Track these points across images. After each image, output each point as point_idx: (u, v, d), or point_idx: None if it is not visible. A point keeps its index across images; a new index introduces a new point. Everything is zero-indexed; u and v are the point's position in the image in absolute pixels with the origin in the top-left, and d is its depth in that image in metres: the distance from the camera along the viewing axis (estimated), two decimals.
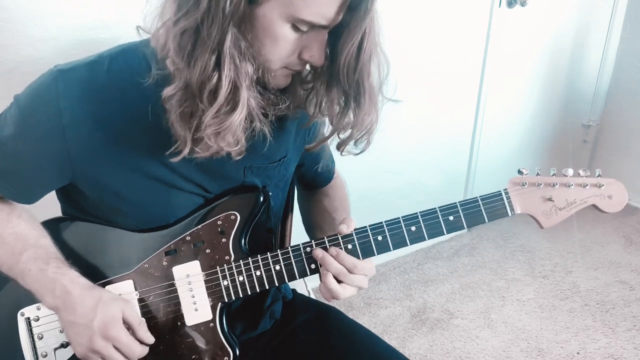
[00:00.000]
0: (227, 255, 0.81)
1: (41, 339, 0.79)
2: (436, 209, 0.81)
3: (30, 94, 0.73)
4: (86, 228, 0.82)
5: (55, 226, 0.82)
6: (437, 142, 2.15)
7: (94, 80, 0.71)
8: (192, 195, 0.81)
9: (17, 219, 0.79)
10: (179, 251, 0.81)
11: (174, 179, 0.78)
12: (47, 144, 0.72)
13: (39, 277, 0.74)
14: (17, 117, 0.73)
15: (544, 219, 0.83)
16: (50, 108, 0.70)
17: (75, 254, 0.80)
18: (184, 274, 0.80)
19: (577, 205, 0.82)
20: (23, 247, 0.76)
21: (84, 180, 0.76)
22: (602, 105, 2.63)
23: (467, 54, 2.06)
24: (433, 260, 2.22)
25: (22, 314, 0.79)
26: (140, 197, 0.78)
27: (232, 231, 0.81)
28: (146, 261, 0.81)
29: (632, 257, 2.19)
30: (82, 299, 0.73)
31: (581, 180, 0.82)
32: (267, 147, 0.80)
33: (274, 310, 0.96)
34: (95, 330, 0.71)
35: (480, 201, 0.82)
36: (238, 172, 0.83)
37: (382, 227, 0.81)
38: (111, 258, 0.81)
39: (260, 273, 0.80)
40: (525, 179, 0.83)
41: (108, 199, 0.78)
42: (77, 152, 0.73)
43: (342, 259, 0.78)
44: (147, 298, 0.80)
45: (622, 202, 0.83)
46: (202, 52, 0.62)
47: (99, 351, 0.72)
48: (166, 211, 0.81)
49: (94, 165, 0.74)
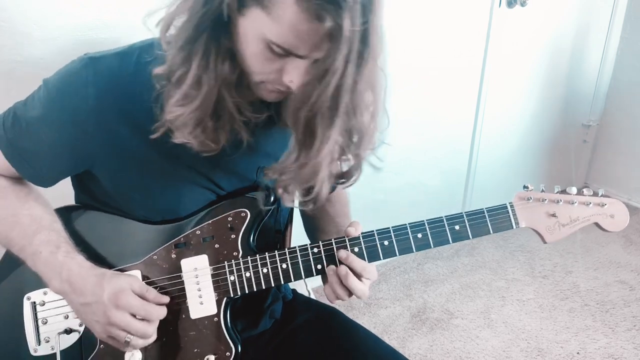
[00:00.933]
0: (235, 251, 0.82)
1: (45, 323, 0.81)
2: (442, 217, 0.83)
3: (59, 78, 0.75)
4: (97, 217, 0.84)
5: (67, 214, 0.84)
6: (437, 142, 2.15)
7: (123, 70, 0.73)
8: (204, 190, 0.82)
9: (34, 202, 0.81)
10: (188, 244, 0.82)
11: (188, 173, 0.80)
12: (71, 128, 0.74)
13: (48, 260, 0.75)
14: (45, 100, 0.74)
15: (547, 234, 0.85)
16: (78, 93, 0.72)
17: (85, 241, 0.82)
18: (192, 267, 0.81)
19: (580, 222, 0.85)
20: (37, 229, 0.77)
21: (101, 168, 0.78)
22: (602, 105, 2.63)
23: (467, 54, 2.06)
24: (433, 260, 2.22)
25: (29, 297, 0.81)
26: (154, 189, 0.80)
27: (241, 228, 0.82)
28: (155, 252, 0.82)
29: (632, 257, 2.19)
30: (87, 278, 0.74)
31: (584, 199, 0.85)
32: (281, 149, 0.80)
33: (274, 309, 0.97)
34: (107, 303, 0.72)
35: (486, 213, 0.84)
36: (251, 172, 0.84)
37: (389, 232, 0.82)
38: (120, 247, 0.82)
39: (267, 270, 0.81)
40: (530, 194, 0.85)
41: (122, 188, 0.80)
42: (98, 139, 0.74)
43: (352, 262, 0.79)
44: (154, 289, 0.81)
45: (624, 222, 0.85)
46: (179, 43, 0.65)
47: (117, 323, 0.73)
48: (177, 204, 0.82)
49: (113, 154, 0.76)
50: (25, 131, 0.76)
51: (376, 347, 0.93)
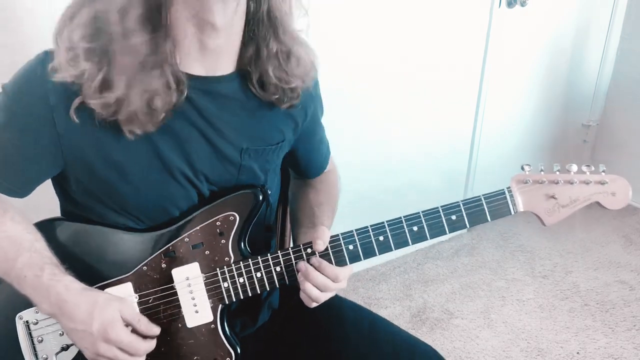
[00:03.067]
0: (227, 257, 0.80)
1: (41, 342, 0.78)
2: (438, 208, 0.80)
3: (17, 78, 0.72)
4: (82, 229, 0.80)
5: (50, 227, 0.80)
6: (437, 142, 2.15)
7: None
8: (188, 185, 0.79)
9: (11, 222, 0.76)
10: (177, 253, 0.80)
11: (168, 158, 0.76)
12: (36, 128, 0.71)
13: (34, 284, 0.72)
14: (5, 103, 0.71)
15: (546, 216, 0.82)
16: (37, 90, 0.69)
17: (71, 256, 0.78)
18: (184, 277, 0.79)
19: (580, 202, 0.82)
20: (17, 252, 0.73)
21: (74, 166, 0.75)
22: (602, 105, 2.63)
23: (467, 54, 2.06)
24: (433, 260, 2.22)
25: (21, 317, 0.78)
26: (133, 180, 0.76)
27: (231, 232, 0.80)
28: (144, 263, 0.79)
29: (632, 257, 2.19)
30: (78, 305, 0.71)
31: (585, 177, 0.82)
32: (264, 129, 0.80)
33: (272, 300, 0.96)
34: (96, 336, 0.70)
35: (483, 199, 0.81)
36: (235, 154, 0.81)
37: (383, 227, 0.80)
38: (108, 260, 0.79)
39: (261, 274, 0.80)
40: (528, 176, 0.82)
41: (103, 190, 0.76)
42: (66, 135, 0.71)
43: (324, 269, 0.78)
44: (147, 301, 0.79)
45: (626, 199, 0.82)
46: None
47: (104, 355, 0.72)
48: (164, 204, 0.79)
49: (83, 147, 0.73)
50: None
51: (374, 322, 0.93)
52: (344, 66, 1.73)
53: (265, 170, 0.86)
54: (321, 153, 1.00)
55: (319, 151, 0.99)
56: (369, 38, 1.74)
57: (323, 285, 0.78)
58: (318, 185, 1.01)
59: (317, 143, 0.98)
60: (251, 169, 0.83)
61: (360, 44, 1.73)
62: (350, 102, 1.81)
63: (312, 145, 0.97)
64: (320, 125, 0.97)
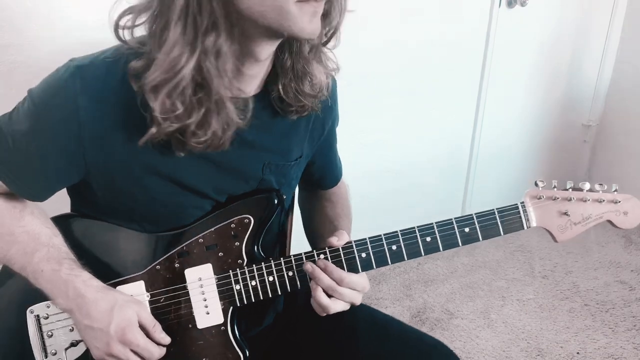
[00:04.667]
0: (240, 260, 0.80)
1: (51, 337, 0.79)
2: (452, 219, 0.80)
3: (46, 89, 0.71)
4: (97, 226, 0.81)
5: (65, 223, 0.81)
6: (437, 142, 2.15)
7: (111, 77, 0.70)
8: (205, 199, 0.80)
9: (30, 216, 0.78)
10: (191, 253, 0.80)
11: (187, 178, 0.77)
12: (62, 140, 0.71)
13: (51, 278, 0.73)
14: (32, 112, 0.71)
15: (559, 233, 0.82)
16: (67, 104, 0.69)
17: (85, 252, 0.79)
18: (196, 277, 0.80)
19: (592, 220, 0.82)
20: (35, 247, 0.74)
21: (97, 179, 0.76)
22: (602, 105, 2.63)
23: (467, 53, 2.06)
24: (433, 260, 2.22)
25: (32, 311, 0.78)
26: (153, 197, 0.77)
27: (245, 235, 0.80)
28: (158, 262, 0.80)
29: (632, 257, 2.19)
30: (97, 303, 0.72)
31: (598, 196, 0.82)
32: (283, 145, 0.80)
33: (277, 303, 0.96)
34: (113, 335, 0.71)
35: (497, 213, 0.80)
36: (256, 169, 0.82)
37: (397, 236, 0.80)
38: (122, 258, 0.80)
39: (273, 279, 0.80)
40: (542, 192, 0.82)
41: (120, 198, 0.77)
42: (91, 151, 0.72)
43: (331, 272, 0.78)
44: (158, 300, 0.80)
45: (638, 219, 0.82)
46: (154, 20, 0.64)
47: (117, 355, 0.72)
48: (178, 214, 0.80)
49: (108, 164, 0.74)
50: (12, 146, 0.73)
51: (377, 319, 0.93)
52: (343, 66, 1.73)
53: (281, 184, 0.87)
54: (336, 165, 1.01)
55: (335, 163, 1.01)
56: (368, 38, 1.74)
57: (329, 287, 0.77)
58: (333, 197, 1.02)
59: (333, 155, 0.99)
60: (270, 183, 0.84)
61: (360, 44, 1.73)
62: (350, 102, 1.81)
63: (329, 157, 0.98)
64: (335, 137, 0.99)
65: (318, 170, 0.98)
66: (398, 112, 1.97)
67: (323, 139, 0.92)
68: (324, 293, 0.77)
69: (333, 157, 1.00)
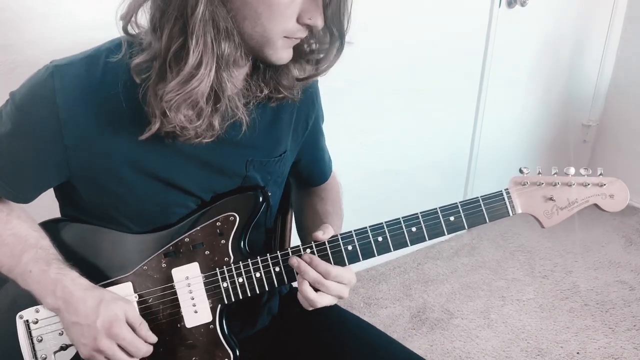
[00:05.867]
0: (227, 257, 0.81)
1: (40, 341, 0.78)
2: (437, 209, 0.80)
3: (26, 90, 0.72)
4: (84, 229, 0.81)
5: (53, 227, 0.81)
6: (437, 142, 2.15)
7: (91, 75, 0.70)
8: (190, 196, 0.81)
9: (17, 220, 0.79)
10: (177, 253, 0.80)
11: (172, 175, 0.77)
12: (44, 140, 0.71)
13: (40, 278, 0.73)
14: (14, 114, 0.72)
15: (545, 218, 0.82)
16: (47, 104, 0.69)
17: (72, 255, 0.79)
18: (183, 276, 0.80)
19: (578, 204, 0.82)
20: (23, 248, 0.75)
21: (80, 178, 0.76)
22: (602, 105, 2.63)
23: (467, 54, 2.06)
24: (433, 260, 2.22)
25: (21, 316, 0.78)
26: (137, 195, 0.77)
27: (231, 232, 0.81)
28: (145, 263, 0.80)
29: (632, 257, 2.19)
30: (84, 300, 0.72)
31: (583, 180, 0.82)
32: (266, 141, 0.80)
33: (271, 306, 0.96)
34: (99, 330, 0.71)
35: (482, 201, 0.81)
36: (240, 166, 0.82)
37: (382, 227, 0.80)
38: (109, 260, 0.80)
39: (260, 275, 0.80)
40: (526, 179, 0.82)
41: (104, 198, 0.78)
42: (73, 150, 0.72)
43: (316, 265, 0.77)
44: (147, 300, 0.80)
45: (624, 201, 0.82)
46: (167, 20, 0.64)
47: (104, 350, 0.72)
48: (163, 212, 0.80)
49: (91, 161, 0.74)
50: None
51: (372, 336, 0.92)
52: (343, 66, 1.73)
53: (267, 180, 0.87)
54: (324, 161, 1.01)
55: (322, 159, 1.00)
56: (368, 38, 1.74)
57: (315, 280, 0.77)
58: (323, 194, 1.02)
59: (320, 151, 0.99)
60: (254, 179, 0.84)
61: (360, 44, 1.73)
62: (350, 102, 1.81)
63: (315, 154, 0.98)
64: (321, 133, 0.98)
65: (306, 167, 0.98)
66: (398, 112, 1.97)
67: (308, 134, 0.92)
68: (311, 287, 0.77)
69: (320, 154, 0.99)
